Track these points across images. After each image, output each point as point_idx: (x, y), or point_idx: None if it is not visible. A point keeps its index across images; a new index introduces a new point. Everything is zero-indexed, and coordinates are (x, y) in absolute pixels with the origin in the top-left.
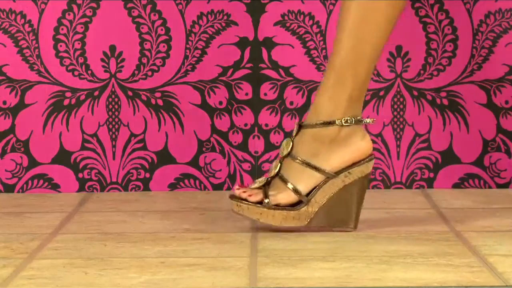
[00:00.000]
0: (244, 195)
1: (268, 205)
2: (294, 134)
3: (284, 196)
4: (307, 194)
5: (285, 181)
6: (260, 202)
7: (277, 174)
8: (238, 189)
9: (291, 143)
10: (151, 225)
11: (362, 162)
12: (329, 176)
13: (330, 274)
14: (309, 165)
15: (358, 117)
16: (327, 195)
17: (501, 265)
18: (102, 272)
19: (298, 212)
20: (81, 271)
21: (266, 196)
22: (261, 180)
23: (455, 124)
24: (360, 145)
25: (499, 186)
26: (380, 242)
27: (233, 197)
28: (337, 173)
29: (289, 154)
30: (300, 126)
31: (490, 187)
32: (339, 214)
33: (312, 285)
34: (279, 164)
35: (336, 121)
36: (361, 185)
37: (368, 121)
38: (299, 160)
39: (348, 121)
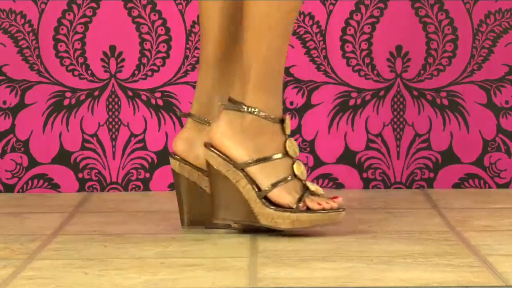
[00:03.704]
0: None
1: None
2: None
3: None
4: None
5: None
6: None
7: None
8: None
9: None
10: (151, 225)
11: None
12: None
13: (330, 274)
14: None
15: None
16: None
17: (501, 265)
18: (102, 273)
19: None
20: (81, 272)
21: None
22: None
23: (455, 124)
24: None
25: (499, 186)
26: (380, 242)
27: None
28: None
29: None
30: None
31: (490, 187)
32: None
33: (312, 285)
34: None
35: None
36: (175, 181)
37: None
38: None
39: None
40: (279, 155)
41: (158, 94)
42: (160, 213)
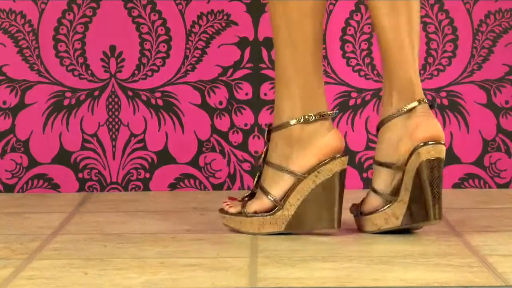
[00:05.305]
0: (226, 208)
1: (245, 214)
2: (266, 139)
3: (259, 203)
4: (282, 198)
5: (262, 189)
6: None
7: (257, 182)
8: (224, 202)
9: (266, 149)
10: (151, 225)
11: (329, 160)
12: (300, 178)
13: (330, 274)
14: (280, 168)
15: (321, 112)
16: (301, 197)
17: (501, 265)
18: (102, 273)
19: (274, 217)
20: (81, 272)
21: (243, 205)
22: (245, 192)
23: (455, 124)
24: (322, 142)
25: (499, 186)
26: (380, 242)
27: (221, 210)
28: (308, 173)
29: (264, 160)
30: (269, 131)
31: (490, 187)
32: (318, 215)
33: (312, 285)
34: (258, 173)
35: (295, 120)
36: (331, 184)
37: (330, 114)
38: (271, 164)
39: (309, 118)
40: None
41: (158, 94)
42: (160, 213)
